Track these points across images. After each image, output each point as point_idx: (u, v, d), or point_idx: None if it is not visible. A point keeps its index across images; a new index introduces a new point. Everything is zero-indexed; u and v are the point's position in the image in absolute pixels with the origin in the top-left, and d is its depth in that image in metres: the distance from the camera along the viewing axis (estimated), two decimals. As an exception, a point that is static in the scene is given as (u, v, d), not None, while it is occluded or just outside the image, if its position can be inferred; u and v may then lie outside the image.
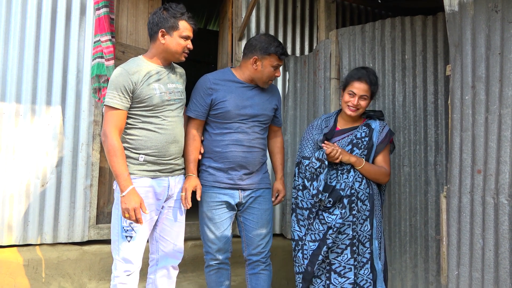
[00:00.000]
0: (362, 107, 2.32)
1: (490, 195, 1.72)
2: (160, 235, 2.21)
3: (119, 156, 1.97)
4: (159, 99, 2.07)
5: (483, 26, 1.78)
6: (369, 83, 2.31)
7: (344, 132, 2.39)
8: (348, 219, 2.24)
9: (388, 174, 2.34)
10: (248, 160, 2.31)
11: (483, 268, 1.74)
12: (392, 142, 2.44)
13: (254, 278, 2.37)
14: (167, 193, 2.16)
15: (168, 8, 2.10)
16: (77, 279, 2.96)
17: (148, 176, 2.09)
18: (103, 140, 2.02)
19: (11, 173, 2.92)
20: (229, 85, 2.33)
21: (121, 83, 2.00)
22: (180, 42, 2.11)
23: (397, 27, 2.82)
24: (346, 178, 2.29)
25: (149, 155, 2.08)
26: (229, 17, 3.87)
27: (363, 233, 2.26)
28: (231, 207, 2.33)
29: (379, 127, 2.35)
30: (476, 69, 1.80)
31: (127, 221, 2.02)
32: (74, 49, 3.12)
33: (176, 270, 2.28)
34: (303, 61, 3.63)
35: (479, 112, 1.78)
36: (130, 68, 2.04)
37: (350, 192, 2.26)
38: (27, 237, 2.96)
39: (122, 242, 2.04)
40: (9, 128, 2.93)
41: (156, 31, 2.10)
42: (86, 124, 3.13)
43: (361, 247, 2.26)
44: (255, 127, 2.36)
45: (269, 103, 2.42)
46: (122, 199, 1.96)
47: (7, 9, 2.97)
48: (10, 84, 2.94)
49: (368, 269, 2.24)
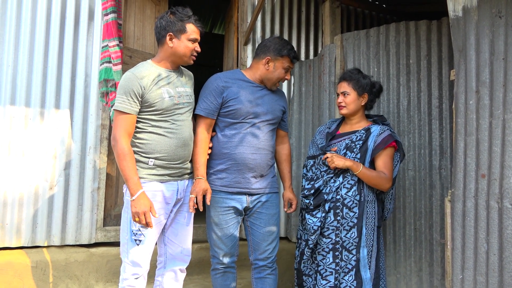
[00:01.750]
0: (347, 104, 2.37)
1: (494, 200, 1.73)
2: (168, 238, 2.22)
3: (129, 161, 1.99)
4: (168, 103, 2.09)
5: (487, 32, 1.79)
6: (348, 79, 2.38)
7: (343, 136, 2.41)
8: (332, 224, 2.27)
9: (388, 180, 2.27)
10: (256, 162, 2.30)
11: (488, 272, 1.74)
12: (397, 150, 2.37)
13: (260, 282, 2.38)
14: (176, 197, 2.17)
15: (175, 12, 2.12)
16: (85, 281, 2.99)
17: (158, 180, 2.10)
18: (113, 145, 2.03)
19: (20, 175, 2.97)
20: (240, 83, 2.35)
21: (131, 88, 2.02)
22: (188, 45, 2.12)
23: (401, 32, 2.84)
24: (333, 182, 2.31)
25: (158, 159, 2.09)
26: (234, 22, 3.91)
27: (348, 240, 2.25)
28: (238, 212, 2.32)
29: (378, 131, 2.32)
30: (480, 74, 1.81)
31: (137, 225, 2.03)
32: (82, 54, 3.17)
33: (184, 273, 2.29)
34: (308, 65, 3.65)
35: (483, 116, 1.79)
36: (139, 73, 2.06)
37: (335, 198, 2.28)
38: (35, 239, 3.00)
39: (131, 246, 2.05)
40: (19, 132, 2.98)
41: (164, 35, 2.11)
42: (94, 128, 3.17)
43: (346, 253, 2.25)
44: (264, 128, 2.35)
45: (278, 104, 2.44)
46: (132, 203, 1.97)
47: (18, 15, 3.02)
48: (20, 88, 3.00)
49: (352, 276, 2.23)
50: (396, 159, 2.38)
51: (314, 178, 2.40)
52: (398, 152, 2.38)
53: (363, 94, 2.38)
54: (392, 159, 2.34)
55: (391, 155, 2.33)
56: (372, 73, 2.98)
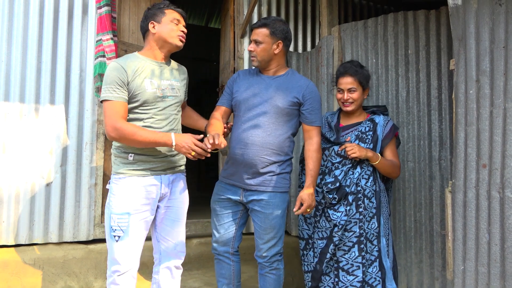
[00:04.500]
0: (354, 100, 2.31)
1: (495, 190, 1.72)
2: (161, 235, 2.19)
3: (139, 131, 1.95)
4: (150, 95, 2.04)
5: (487, 20, 1.77)
6: (354, 74, 2.31)
7: (348, 128, 2.38)
8: (354, 216, 2.24)
9: (400, 167, 2.34)
10: (244, 158, 2.21)
11: (489, 262, 1.73)
12: (397, 137, 2.43)
13: (262, 278, 2.36)
14: (160, 191, 2.11)
15: (152, 6, 2.17)
16: (83, 277, 2.97)
17: (139, 175, 2.05)
18: (114, 135, 1.95)
19: (16, 172, 2.94)
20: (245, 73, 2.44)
21: (116, 77, 1.98)
22: (171, 26, 2.12)
23: (400, 22, 2.81)
24: (351, 174, 2.28)
25: (138, 153, 2.04)
26: (231, 15, 3.87)
27: (370, 231, 2.25)
28: (233, 203, 2.31)
29: (383, 121, 2.33)
30: (480, 63, 1.79)
31: (115, 221, 2.00)
32: (76, 49, 3.13)
33: (180, 270, 2.26)
34: (305, 58, 3.62)
35: (484, 106, 1.77)
36: (123, 63, 2.03)
37: (356, 189, 2.25)
38: (33, 237, 2.97)
39: (111, 242, 2.02)
40: (14, 128, 2.94)
41: (147, 25, 2.13)
42: (90, 123, 3.14)
43: (369, 244, 2.24)
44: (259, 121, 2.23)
45: (283, 93, 2.25)
46: (176, 148, 1.97)
47: (10, 9, 2.98)
48: (14, 84, 2.96)
49: (376, 267, 2.23)
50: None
51: (326, 171, 2.35)
52: (396, 140, 2.44)
53: (366, 88, 2.37)
54: (396, 148, 2.41)
55: (395, 143, 2.39)
56: (370, 64, 2.96)
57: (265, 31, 2.24)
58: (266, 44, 2.25)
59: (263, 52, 2.26)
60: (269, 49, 2.25)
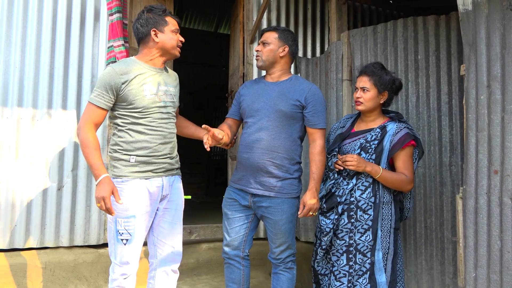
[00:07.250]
0: (365, 100, 2.24)
1: (507, 196, 1.70)
2: (158, 238, 2.19)
3: (92, 147, 1.98)
4: (148, 101, 2.06)
5: (497, 25, 1.76)
6: (370, 74, 2.25)
7: (358, 135, 2.31)
8: (346, 226, 2.22)
9: (410, 182, 2.18)
10: (250, 162, 2.23)
11: (502, 270, 1.71)
12: (416, 147, 2.25)
13: (275, 277, 2.37)
14: (161, 193, 2.13)
15: (150, 9, 2.15)
16: (93, 281, 2.99)
17: (141, 177, 2.07)
18: (77, 134, 2.05)
19: (28, 177, 2.98)
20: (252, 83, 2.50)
21: (108, 82, 2.00)
22: (173, 36, 2.14)
23: (409, 27, 2.81)
24: (345, 185, 2.25)
25: (139, 155, 2.07)
26: (240, 20, 3.89)
27: (363, 243, 2.18)
28: (243, 207, 2.33)
29: (394, 129, 2.21)
30: (491, 68, 1.78)
31: (122, 225, 2.01)
32: (88, 55, 3.18)
33: (176, 274, 2.25)
34: (314, 63, 3.62)
35: (495, 111, 1.76)
36: (120, 69, 2.04)
37: (349, 200, 2.22)
38: (44, 240, 3.01)
39: (118, 246, 2.03)
40: (26, 133, 2.99)
41: (148, 32, 2.11)
42: (101, 128, 3.17)
43: (360, 256, 2.19)
44: (263, 125, 2.25)
45: (285, 97, 2.26)
46: (95, 188, 1.97)
47: (24, 16, 3.03)
48: (27, 89, 3.01)
49: (366, 279, 2.17)
50: (414, 157, 2.27)
51: (324, 178, 2.35)
52: (416, 149, 2.27)
53: (384, 92, 2.25)
54: (412, 159, 2.24)
55: (411, 154, 2.23)
56: (379, 70, 2.95)
57: (274, 34, 2.33)
58: (273, 45, 2.31)
59: (268, 52, 2.31)
60: (275, 50, 2.31)
